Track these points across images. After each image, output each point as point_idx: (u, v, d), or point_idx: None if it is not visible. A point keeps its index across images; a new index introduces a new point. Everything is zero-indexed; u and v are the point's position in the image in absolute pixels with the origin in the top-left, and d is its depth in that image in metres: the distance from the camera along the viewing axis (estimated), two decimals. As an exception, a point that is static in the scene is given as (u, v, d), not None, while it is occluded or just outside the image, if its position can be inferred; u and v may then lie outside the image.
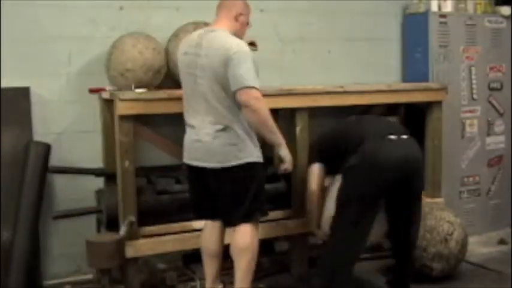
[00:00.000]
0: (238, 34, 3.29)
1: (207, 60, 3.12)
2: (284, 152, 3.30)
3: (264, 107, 3.10)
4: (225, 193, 3.23)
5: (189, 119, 3.29)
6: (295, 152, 3.98)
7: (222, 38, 3.15)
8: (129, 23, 3.99)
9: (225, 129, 3.14)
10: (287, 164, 3.34)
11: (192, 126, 3.25)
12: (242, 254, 3.26)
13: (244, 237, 3.23)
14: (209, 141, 3.17)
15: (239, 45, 3.10)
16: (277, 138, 3.24)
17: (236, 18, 3.27)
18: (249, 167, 3.17)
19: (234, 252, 3.29)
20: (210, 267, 3.45)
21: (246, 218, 3.23)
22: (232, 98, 3.10)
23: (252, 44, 3.78)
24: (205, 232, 3.45)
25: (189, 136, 3.29)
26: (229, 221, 3.30)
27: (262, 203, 3.31)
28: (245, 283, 3.29)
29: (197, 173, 3.30)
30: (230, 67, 3.04)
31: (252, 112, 3.08)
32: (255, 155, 3.20)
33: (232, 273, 3.57)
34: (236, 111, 3.14)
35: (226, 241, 3.43)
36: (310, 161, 3.87)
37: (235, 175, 3.16)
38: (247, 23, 3.37)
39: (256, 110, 3.07)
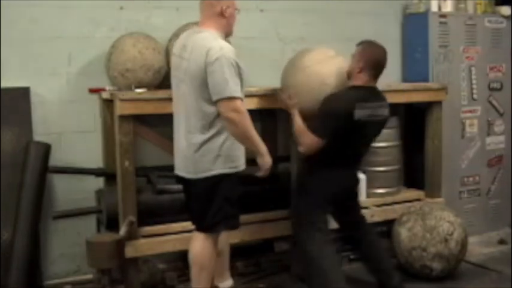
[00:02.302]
0: (228, 28, 3.15)
1: (188, 64, 2.99)
2: (263, 160, 3.11)
3: (244, 119, 2.94)
4: (195, 202, 3.18)
5: (174, 124, 3.22)
6: (295, 152, 3.98)
7: (205, 41, 2.97)
8: (129, 23, 3.99)
9: (201, 139, 3.01)
10: (262, 172, 3.17)
11: (175, 133, 3.19)
12: (191, 263, 3.22)
13: (195, 247, 3.18)
14: (185, 151, 3.08)
15: (221, 50, 2.91)
16: (258, 148, 3.08)
17: (222, 14, 3.07)
18: (217, 180, 3.04)
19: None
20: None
21: (207, 229, 3.16)
22: (213, 105, 2.97)
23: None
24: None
25: (175, 143, 3.22)
26: (198, 228, 3.24)
27: (227, 215, 3.14)
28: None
29: (180, 181, 3.25)
30: (210, 74, 2.90)
31: (231, 124, 2.94)
32: (224, 166, 3.06)
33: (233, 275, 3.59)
34: (216, 119, 3.00)
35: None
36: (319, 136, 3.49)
37: (202, 187, 3.07)
38: (236, 10, 3.17)
39: (235, 122, 2.92)
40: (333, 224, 3.86)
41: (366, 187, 4.38)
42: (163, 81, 3.90)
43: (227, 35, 3.20)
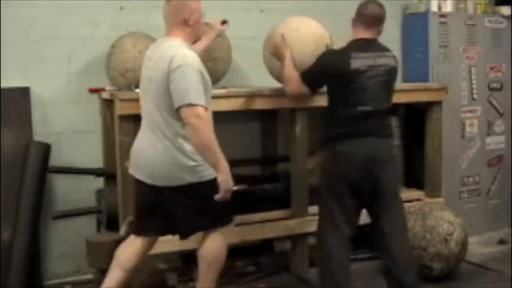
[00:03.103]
0: (194, 35, 3.09)
1: (153, 73, 2.93)
2: (221, 177, 2.86)
3: (205, 126, 2.83)
4: (171, 209, 3.04)
5: (141, 130, 3.12)
6: (295, 152, 3.99)
7: (170, 49, 2.91)
8: (129, 23, 3.99)
9: (168, 148, 2.92)
10: (221, 193, 2.87)
11: (142, 140, 3.08)
12: (200, 261, 3.17)
13: (204, 247, 3.13)
14: (154, 160, 2.97)
15: (185, 58, 2.84)
16: (218, 161, 2.85)
17: (186, 22, 2.99)
18: (190, 187, 2.94)
19: None
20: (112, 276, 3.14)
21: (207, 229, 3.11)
22: (175, 116, 2.88)
23: (224, 22, 3.67)
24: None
25: (136, 147, 3.10)
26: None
27: (217, 215, 3.05)
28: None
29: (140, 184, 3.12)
30: (172, 82, 2.82)
31: (191, 130, 2.81)
32: (196, 175, 2.93)
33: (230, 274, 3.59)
34: (179, 130, 2.90)
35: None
36: (304, 80, 3.44)
37: (175, 194, 2.96)
38: (201, 16, 3.08)
39: (196, 128, 2.79)
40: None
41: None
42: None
43: (195, 41, 3.16)
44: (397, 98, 4.25)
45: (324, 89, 3.47)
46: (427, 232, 3.91)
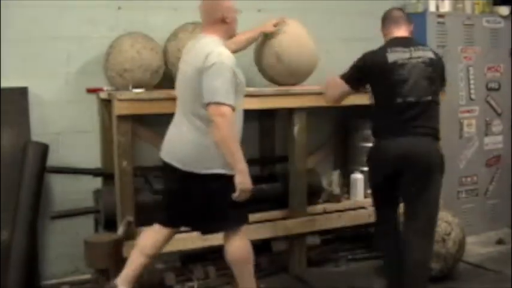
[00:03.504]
0: (230, 32, 3.20)
1: (189, 67, 3.06)
2: (239, 179, 2.99)
3: (227, 125, 2.93)
4: (193, 200, 3.14)
5: (175, 119, 3.23)
6: (293, 152, 3.99)
7: (206, 46, 3.03)
8: (128, 23, 3.99)
9: (199, 137, 3.04)
10: (237, 193, 3.00)
11: (176, 127, 3.19)
12: (231, 265, 3.27)
13: (229, 250, 3.21)
14: (185, 147, 3.08)
15: (219, 56, 2.96)
16: (236, 162, 2.97)
17: (223, 20, 3.11)
18: (216, 178, 3.04)
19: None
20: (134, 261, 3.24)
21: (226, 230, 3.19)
22: (204, 109, 2.99)
23: (278, 24, 3.92)
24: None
25: (170, 134, 3.22)
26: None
27: (237, 213, 3.16)
28: (245, 285, 3.26)
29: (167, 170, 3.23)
30: (205, 78, 2.94)
31: (215, 128, 2.94)
32: (223, 166, 3.02)
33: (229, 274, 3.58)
34: (207, 122, 3.01)
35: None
36: (344, 78, 3.52)
37: (201, 183, 3.06)
38: (236, 13, 3.19)
39: (219, 127, 2.92)
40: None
41: (364, 187, 4.39)
42: (161, 81, 3.90)
43: (230, 38, 3.26)
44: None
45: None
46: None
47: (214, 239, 3.73)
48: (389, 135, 3.30)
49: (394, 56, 3.33)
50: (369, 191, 3.75)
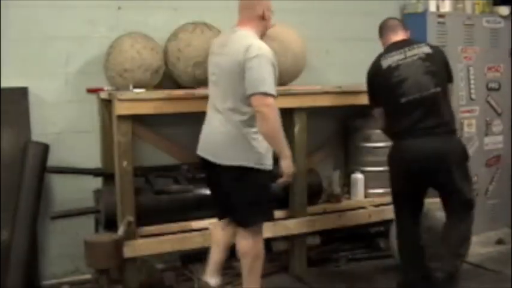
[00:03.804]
0: (265, 29, 3.28)
1: (226, 60, 3.10)
2: (285, 164, 3.12)
3: (274, 116, 3.02)
4: (224, 191, 3.23)
5: (208, 116, 3.28)
6: (293, 152, 3.98)
7: (245, 38, 3.09)
8: (128, 23, 3.98)
9: (233, 130, 3.10)
10: (285, 177, 3.16)
11: (209, 123, 3.25)
12: (242, 259, 3.28)
13: (243, 245, 3.24)
14: (218, 139, 3.16)
15: (261, 49, 3.03)
16: (283, 150, 3.09)
17: (262, 17, 3.21)
18: (246, 171, 3.10)
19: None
20: (213, 254, 3.44)
21: (247, 225, 3.22)
22: (245, 101, 3.05)
23: None
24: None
25: (205, 130, 3.29)
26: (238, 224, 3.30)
27: (264, 208, 3.23)
28: (250, 283, 3.27)
29: (205, 166, 3.30)
30: (248, 70, 2.99)
31: (261, 119, 3.00)
32: (256, 161, 3.10)
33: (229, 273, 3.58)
34: (247, 115, 3.08)
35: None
36: (370, 104, 3.69)
37: (231, 176, 3.13)
38: (271, 12, 3.31)
39: (266, 117, 2.99)
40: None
41: (364, 187, 4.40)
42: (161, 81, 3.90)
43: (263, 35, 3.30)
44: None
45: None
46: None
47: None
48: (407, 136, 3.41)
49: (387, 61, 3.49)
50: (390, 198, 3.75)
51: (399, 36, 3.61)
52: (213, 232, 3.48)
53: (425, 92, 3.37)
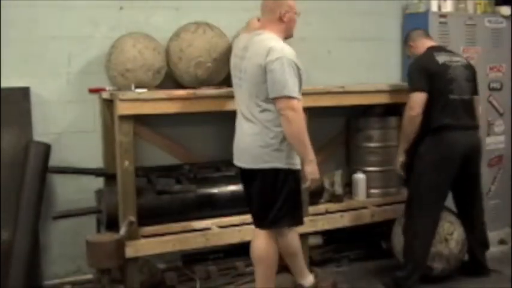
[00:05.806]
0: (288, 31, 3.25)
1: (249, 63, 3.09)
2: (309, 169, 3.11)
3: (299, 119, 3.02)
4: (255, 195, 3.23)
5: (237, 121, 3.30)
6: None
7: (266, 41, 3.08)
8: (129, 23, 3.98)
9: (259, 132, 3.10)
10: (308, 182, 3.15)
11: (239, 128, 3.26)
12: (256, 262, 3.29)
13: (260, 247, 3.25)
14: (246, 143, 3.17)
15: (283, 51, 3.02)
16: (307, 153, 3.08)
17: (281, 19, 3.19)
18: (276, 173, 3.11)
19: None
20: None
21: (269, 226, 3.22)
22: (269, 103, 3.05)
23: None
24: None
25: (236, 137, 3.30)
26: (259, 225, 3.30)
27: (291, 211, 3.22)
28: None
29: (241, 174, 3.33)
30: (269, 73, 2.99)
31: (286, 122, 3.01)
32: (284, 161, 3.11)
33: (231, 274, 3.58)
34: (272, 116, 3.08)
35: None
36: (414, 89, 3.86)
37: (262, 178, 3.14)
38: (296, 14, 3.29)
39: (290, 120, 2.99)
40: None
41: (366, 187, 4.39)
42: (163, 81, 3.90)
43: (287, 37, 3.29)
44: (397, 98, 4.29)
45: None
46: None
47: (215, 239, 3.74)
48: (452, 129, 3.77)
49: (442, 58, 3.88)
50: (417, 192, 3.91)
51: (432, 42, 4.06)
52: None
53: (465, 95, 3.87)
